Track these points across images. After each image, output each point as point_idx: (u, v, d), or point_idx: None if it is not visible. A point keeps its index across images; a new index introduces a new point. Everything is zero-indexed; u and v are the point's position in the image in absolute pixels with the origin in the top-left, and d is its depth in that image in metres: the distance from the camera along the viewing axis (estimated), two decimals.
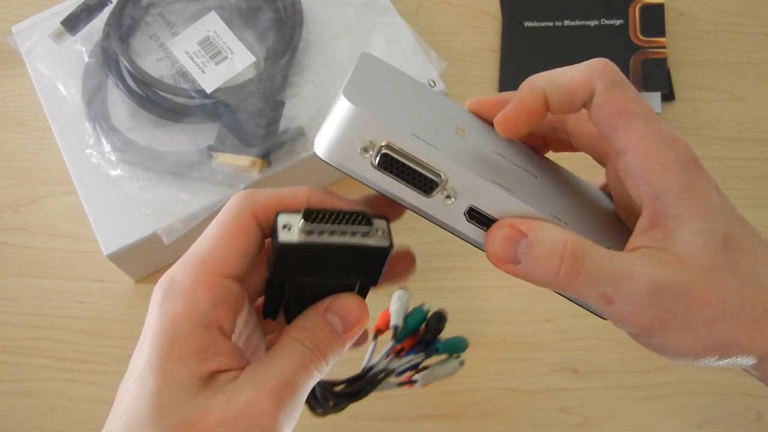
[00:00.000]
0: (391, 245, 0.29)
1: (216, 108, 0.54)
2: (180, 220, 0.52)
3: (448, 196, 0.27)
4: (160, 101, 0.55)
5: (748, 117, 0.62)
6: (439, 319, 0.47)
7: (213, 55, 0.56)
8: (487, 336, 0.55)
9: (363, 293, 0.30)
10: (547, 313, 0.55)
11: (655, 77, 0.61)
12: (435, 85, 0.56)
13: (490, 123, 0.31)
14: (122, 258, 0.53)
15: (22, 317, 0.56)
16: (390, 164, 0.27)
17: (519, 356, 0.54)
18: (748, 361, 0.28)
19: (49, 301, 0.57)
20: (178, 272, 0.28)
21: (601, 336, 0.54)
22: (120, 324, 0.56)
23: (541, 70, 0.65)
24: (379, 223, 0.29)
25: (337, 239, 0.28)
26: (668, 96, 0.62)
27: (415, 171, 0.27)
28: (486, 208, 0.27)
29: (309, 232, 0.28)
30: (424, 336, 0.47)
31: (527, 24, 0.65)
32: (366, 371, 0.45)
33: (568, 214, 0.29)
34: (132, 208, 0.53)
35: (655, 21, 0.64)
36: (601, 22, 0.64)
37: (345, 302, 0.29)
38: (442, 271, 0.57)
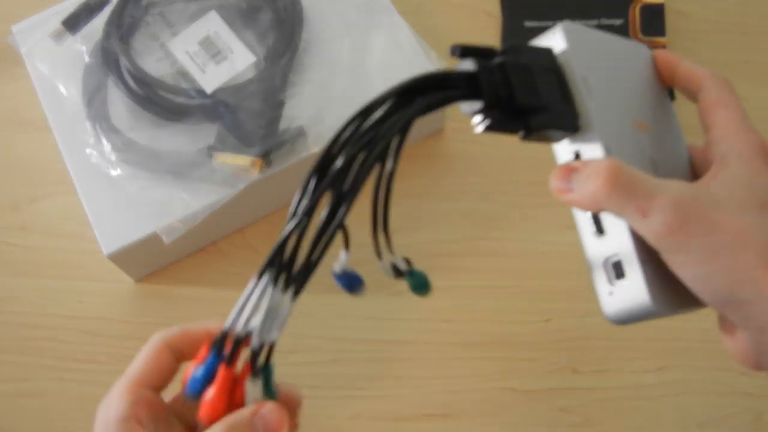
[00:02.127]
0: None
1: (216, 108, 0.54)
2: (180, 220, 0.52)
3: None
4: (160, 101, 0.55)
5: (749, 117, 0.61)
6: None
7: (213, 55, 0.56)
8: (487, 336, 0.55)
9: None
10: (548, 313, 0.55)
11: None
12: None
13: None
14: (122, 258, 0.53)
15: (22, 317, 0.56)
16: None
17: (519, 356, 0.54)
18: (755, 311, 0.29)
19: (49, 301, 0.57)
20: (112, 389, 0.36)
21: (602, 336, 0.54)
22: (120, 324, 0.56)
23: None
24: None
25: None
26: (669, 95, 0.62)
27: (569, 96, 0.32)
28: (585, 155, 0.32)
29: None
30: None
31: (527, 24, 0.65)
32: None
33: (638, 158, 0.33)
34: (132, 208, 0.53)
35: (655, 20, 0.64)
36: (601, 22, 0.64)
37: (268, 410, 0.32)
38: (442, 271, 0.57)
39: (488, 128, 0.31)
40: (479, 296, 0.56)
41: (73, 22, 0.56)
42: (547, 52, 0.33)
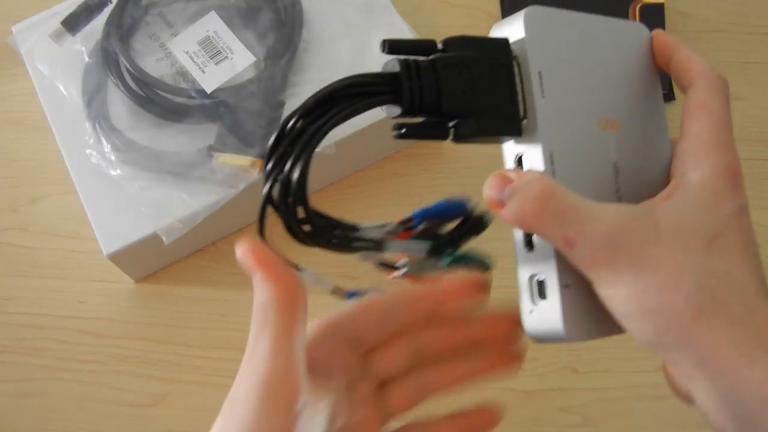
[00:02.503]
0: None
1: (216, 108, 0.54)
2: (180, 220, 0.52)
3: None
4: (160, 101, 0.55)
5: (748, 117, 0.62)
6: (479, 224, 0.36)
7: (213, 55, 0.56)
8: None
9: None
10: None
11: None
12: None
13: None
14: (122, 258, 0.53)
15: (22, 317, 0.56)
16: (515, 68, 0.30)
17: None
18: (681, 358, 0.27)
19: (49, 301, 0.57)
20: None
21: None
22: (120, 324, 0.56)
23: None
24: None
25: None
26: (668, 96, 0.62)
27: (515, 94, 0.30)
28: (525, 163, 0.31)
29: None
30: (449, 232, 0.36)
31: None
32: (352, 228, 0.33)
33: (586, 166, 0.31)
34: (132, 208, 0.53)
35: (655, 21, 0.64)
36: None
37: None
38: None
39: (402, 136, 0.29)
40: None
41: (73, 23, 0.56)
42: (502, 44, 0.30)
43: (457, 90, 0.29)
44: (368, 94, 0.29)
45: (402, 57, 0.29)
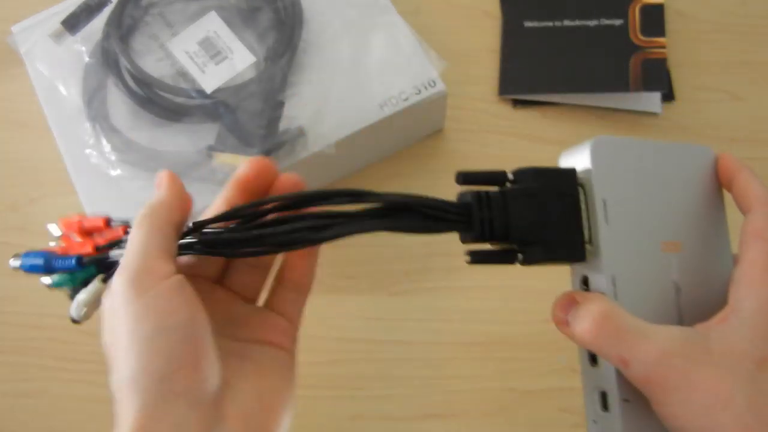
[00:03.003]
0: None
1: (216, 108, 0.54)
2: None
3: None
4: (160, 101, 0.55)
5: (748, 117, 0.62)
6: None
7: (213, 55, 0.56)
8: (487, 336, 0.55)
9: None
10: (547, 313, 0.55)
11: (655, 77, 0.61)
12: (435, 85, 0.56)
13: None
14: None
15: (22, 317, 0.56)
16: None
17: (519, 356, 0.54)
18: None
19: (49, 301, 0.57)
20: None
21: None
22: None
23: (541, 70, 0.66)
24: None
25: None
26: (668, 96, 0.62)
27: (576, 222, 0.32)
28: (591, 284, 0.33)
29: None
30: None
31: (527, 24, 0.65)
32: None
33: (646, 291, 0.33)
34: (132, 209, 0.52)
35: (655, 21, 0.64)
36: (601, 22, 0.64)
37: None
38: (442, 271, 0.57)
39: (474, 263, 0.32)
40: (479, 296, 0.56)
41: (73, 23, 0.56)
42: (569, 174, 0.33)
43: (525, 220, 0.31)
44: (441, 219, 0.31)
45: (474, 189, 0.32)
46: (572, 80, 0.62)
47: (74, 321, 0.33)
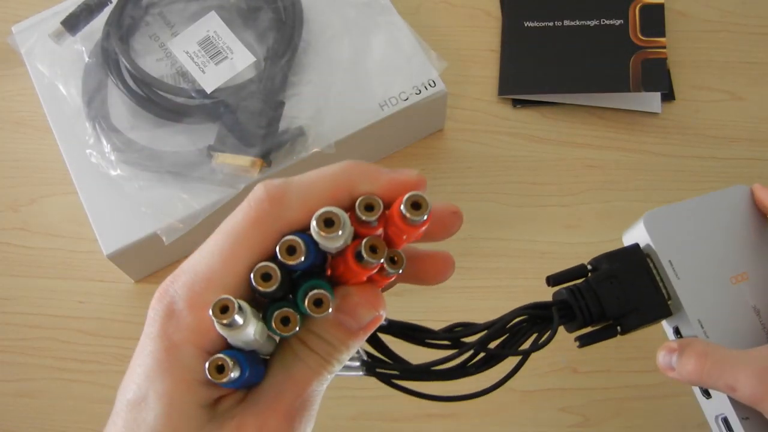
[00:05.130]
0: None
1: (216, 108, 0.54)
2: (180, 220, 0.52)
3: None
4: (160, 101, 0.55)
5: (748, 117, 0.62)
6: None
7: (213, 55, 0.56)
8: None
9: None
10: None
11: (655, 77, 0.61)
12: (435, 85, 0.56)
13: None
14: (122, 258, 0.53)
15: (22, 317, 0.56)
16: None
17: None
18: None
19: (49, 301, 0.57)
20: (181, 289, 0.26)
21: None
22: (120, 324, 0.56)
23: (541, 70, 0.66)
24: None
25: None
26: (668, 96, 0.62)
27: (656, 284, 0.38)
28: (682, 332, 0.38)
29: None
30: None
31: (527, 24, 0.65)
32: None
33: (726, 322, 0.38)
34: (132, 208, 0.53)
35: (655, 21, 0.64)
36: (601, 22, 0.64)
37: (355, 300, 0.27)
38: None
39: (584, 344, 0.37)
40: (479, 296, 0.56)
41: (73, 23, 0.56)
42: (635, 250, 0.38)
43: (613, 298, 0.36)
44: (550, 318, 0.36)
45: (565, 286, 0.37)
46: (572, 80, 0.62)
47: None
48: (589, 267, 0.38)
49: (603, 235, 0.57)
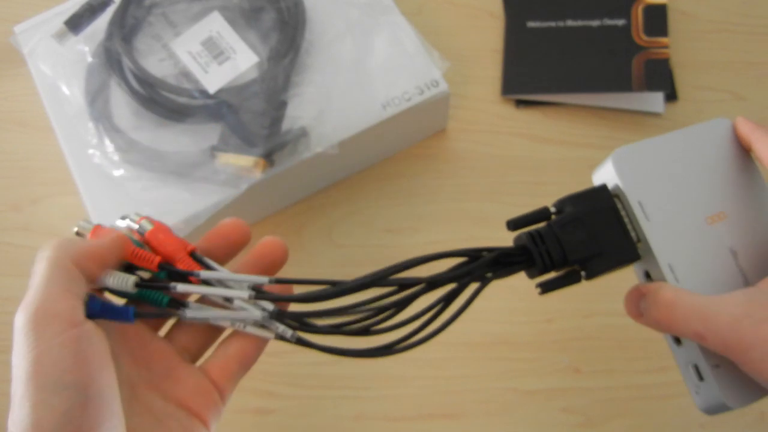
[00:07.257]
0: None
1: (219, 108, 0.54)
2: (183, 220, 0.52)
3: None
4: (163, 101, 0.55)
5: (751, 116, 0.61)
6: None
7: (216, 56, 0.56)
8: (489, 336, 0.55)
9: None
10: (549, 313, 0.55)
11: (658, 77, 0.61)
12: (438, 85, 0.56)
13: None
14: None
15: None
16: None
17: (521, 356, 0.54)
18: None
19: None
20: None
21: (603, 336, 0.54)
22: None
23: (544, 70, 0.65)
24: None
25: None
26: (671, 96, 0.62)
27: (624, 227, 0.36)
28: (652, 276, 0.36)
29: None
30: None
31: (530, 24, 0.65)
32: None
33: (700, 265, 0.36)
34: (134, 209, 0.53)
35: (657, 21, 0.64)
36: (604, 22, 0.64)
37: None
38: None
39: (546, 291, 0.35)
40: (480, 296, 0.56)
41: (76, 23, 0.56)
42: (602, 190, 0.36)
43: (576, 242, 0.34)
44: (507, 263, 0.35)
45: (526, 230, 0.35)
46: (575, 80, 0.62)
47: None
48: (553, 209, 0.36)
49: None
